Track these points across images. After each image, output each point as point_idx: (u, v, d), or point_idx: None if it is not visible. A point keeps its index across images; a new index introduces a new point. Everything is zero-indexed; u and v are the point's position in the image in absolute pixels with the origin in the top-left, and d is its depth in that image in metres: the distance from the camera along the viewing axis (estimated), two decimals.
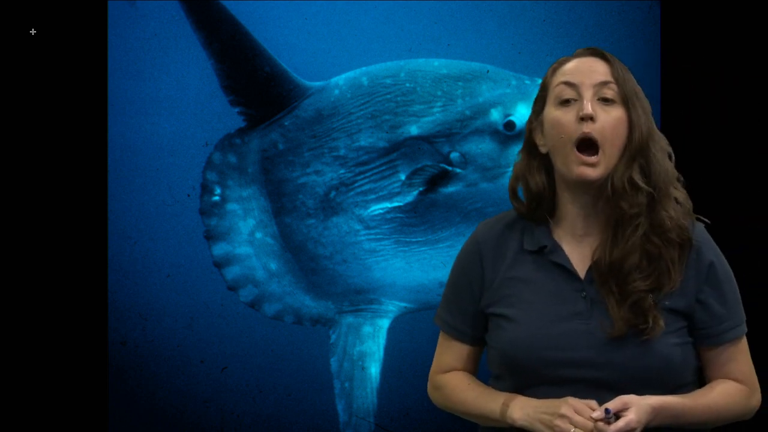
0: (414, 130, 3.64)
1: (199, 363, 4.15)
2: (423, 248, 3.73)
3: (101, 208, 3.79)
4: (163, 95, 4.16)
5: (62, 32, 3.57)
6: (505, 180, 3.60)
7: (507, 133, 3.57)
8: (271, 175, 3.85)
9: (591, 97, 2.03)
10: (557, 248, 2.08)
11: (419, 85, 3.66)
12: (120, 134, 4.04)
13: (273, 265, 3.88)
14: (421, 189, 3.64)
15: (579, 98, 2.04)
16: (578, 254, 2.08)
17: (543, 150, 2.10)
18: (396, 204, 3.70)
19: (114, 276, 3.97)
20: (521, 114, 3.56)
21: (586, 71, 2.07)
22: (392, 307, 3.86)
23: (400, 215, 3.70)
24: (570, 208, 2.08)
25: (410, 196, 3.66)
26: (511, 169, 3.56)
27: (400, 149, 3.67)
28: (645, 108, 2.07)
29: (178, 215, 4.12)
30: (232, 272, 3.86)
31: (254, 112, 3.84)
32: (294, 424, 4.21)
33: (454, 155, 3.60)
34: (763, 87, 3.65)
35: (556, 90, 2.07)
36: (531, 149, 2.13)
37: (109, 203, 3.87)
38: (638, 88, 2.09)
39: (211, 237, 3.86)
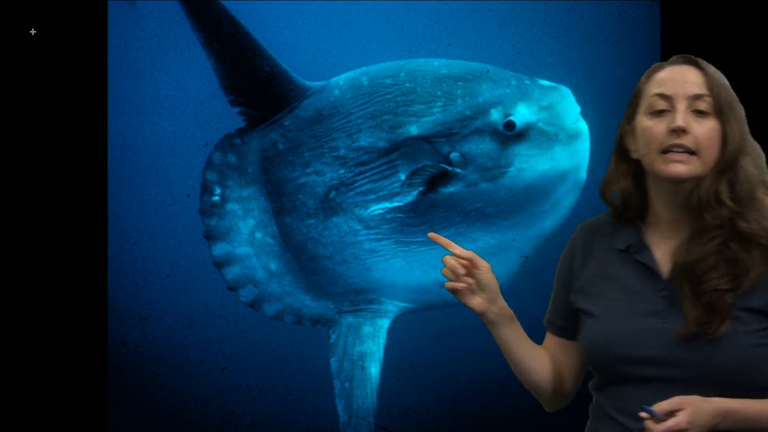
0: (414, 130, 3.63)
1: (199, 363, 4.16)
2: (423, 248, 3.73)
3: (101, 208, 3.79)
4: (163, 95, 4.16)
5: (62, 32, 3.57)
6: (505, 180, 3.60)
7: (507, 133, 3.57)
8: (271, 175, 3.85)
9: (684, 110, 2.07)
10: (644, 248, 2.14)
11: (419, 85, 3.66)
12: (120, 134, 4.04)
13: (273, 265, 3.88)
14: (421, 189, 3.64)
15: (672, 109, 2.08)
16: (664, 255, 2.13)
17: (634, 156, 2.16)
18: (396, 204, 3.69)
19: (114, 276, 3.97)
20: (521, 114, 3.56)
21: (680, 82, 2.11)
22: (392, 307, 3.86)
23: (400, 215, 3.70)
24: (660, 210, 2.14)
25: (410, 196, 3.66)
26: (511, 168, 3.58)
27: (400, 149, 3.66)
28: (739, 117, 2.12)
29: (178, 215, 4.12)
30: (232, 272, 3.86)
31: (254, 112, 3.84)
32: (294, 424, 4.21)
33: (454, 155, 3.60)
34: (763, 87, 3.65)
35: (650, 100, 2.12)
36: (621, 153, 2.20)
37: (109, 203, 3.87)
38: (733, 96, 2.14)
39: (211, 237, 3.85)
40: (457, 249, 2.24)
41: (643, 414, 1.94)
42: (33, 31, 3.52)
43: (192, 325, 4.15)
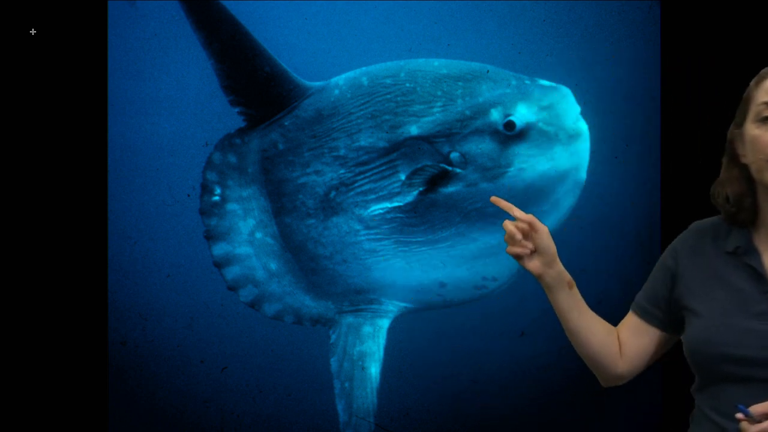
0: (414, 130, 3.64)
1: (199, 363, 4.15)
2: (423, 248, 3.73)
3: (101, 208, 3.79)
4: (163, 95, 4.16)
5: (62, 32, 3.57)
6: (505, 180, 3.60)
7: (507, 133, 3.57)
8: (271, 175, 3.85)
9: None
10: (752, 251, 2.18)
11: (419, 85, 3.66)
12: (120, 134, 4.04)
13: (273, 265, 3.88)
14: (421, 189, 3.64)
15: None
16: None
17: (743, 161, 2.20)
18: (396, 204, 3.69)
19: (114, 276, 3.97)
20: (521, 114, 3.56)
21: None
22: (392, 307, 3.86)
23: (400, 215, 3.70)
24: None
25: (410, 196, 3.66)
26: (511, 168, 3.58)
27: (400, 149, 3.66)
28: None
29: (178, 215, 4.12)
30: (232, 272, 3.86)
31: (254, 112, 3.84)
32: (294, 424, 4.21)
33: (454, 155, 3.60)
34: None
35: (758, 108, 2.15)
36: (732, 158, 2.25)
37: (109, 203, 3.87)
38: None
39: (211, 237, 3.86)
40: (517, 212, 2.26)
41: (739, 415, 1.98)
42: (33, 31, 3.52)
43: (192, 325, 4.15)
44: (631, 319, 2.37)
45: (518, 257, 2.25)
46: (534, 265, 2.25)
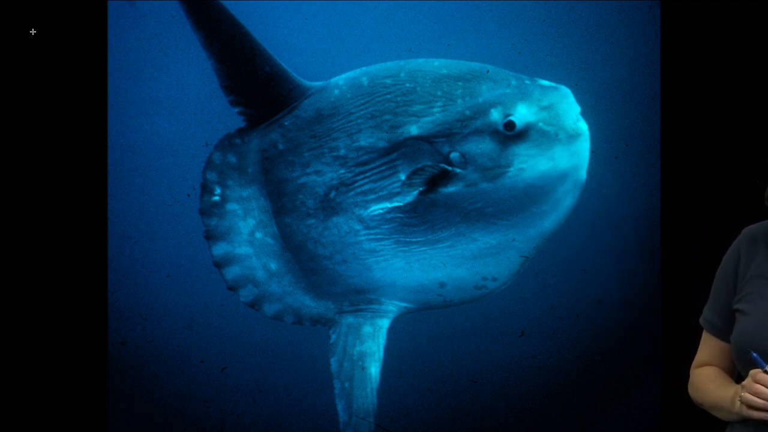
0: (414, 130, 3.63)
1: (199, 363, 4.16)
2: (423, 248, 3.73)
3: (101, 208, 3.79)
4: (163, 95, 4.17)
5: (62, 32, 3.57)
6: (505, 180, 3.60)
7: (507, 133, 3.57)
8: (271, 175, 3.85)
9: None
10: None
11: (419, 85, 3.66)
12: (120, 134, 4.04)
13: (273, 265, 3.88)
14: (421, 189, 3.64)
15: None
16: None
17: None
18: (396, 204, 3.69)
19: (114, 276, 3.97)
20: (521, 114, 3.56)
21: None
22: (392, 307, 3.86)
23: (400, 215, 3.70)
24: None
25: (410, 196, 3.66)
26: (511, 168, 3.58)
27: (400, 149, 3.66)
28: None
29: (178, 215, 4.12)
30: (232, 272, 3.86)
31: (254, 112, 3.84)
32: (294, 424, 4.21)
33: (454, 155, 3.60)
34: (762, 85, 3.65)
35: None
36: None
37: (109, 203, 3.88)
38: None
39: (211, 237, 3.85)
40: None
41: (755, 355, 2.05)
42: (33, 31, 3.52)
43: (192, 325, 4.15)
44: (713, 344, 2.40)
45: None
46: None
